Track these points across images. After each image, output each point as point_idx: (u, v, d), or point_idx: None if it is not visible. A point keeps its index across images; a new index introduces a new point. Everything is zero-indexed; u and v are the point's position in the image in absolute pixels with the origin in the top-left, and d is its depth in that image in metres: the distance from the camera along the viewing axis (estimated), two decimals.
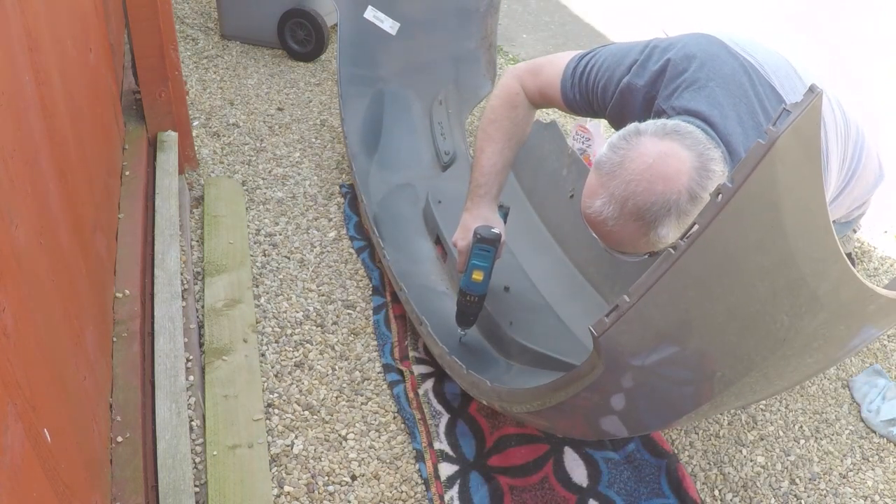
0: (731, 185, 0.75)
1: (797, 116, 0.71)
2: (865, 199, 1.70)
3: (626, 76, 1.37)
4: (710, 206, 0.77)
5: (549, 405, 1.14)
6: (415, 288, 1.81)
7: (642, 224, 1.15)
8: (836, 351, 1.11)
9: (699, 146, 1.15)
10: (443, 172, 2.30)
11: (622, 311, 0.86)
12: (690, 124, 1.20)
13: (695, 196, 1.12)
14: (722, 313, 0.90)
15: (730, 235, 0.79)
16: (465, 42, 2.54)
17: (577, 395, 1.06)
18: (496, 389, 1.30)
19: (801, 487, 1.56)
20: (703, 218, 0.77)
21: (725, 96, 1.25)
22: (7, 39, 0.98)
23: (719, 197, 0.76)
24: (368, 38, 2.46)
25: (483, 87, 2.55)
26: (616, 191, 1.15)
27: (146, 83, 2.05)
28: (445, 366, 1.54)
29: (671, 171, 1.12)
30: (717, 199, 0.76)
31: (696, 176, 1.13)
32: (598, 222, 1.20)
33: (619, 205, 1.16)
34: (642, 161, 1.14)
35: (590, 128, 2.45)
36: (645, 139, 1.16)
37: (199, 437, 1.47)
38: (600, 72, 1.43)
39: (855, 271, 0.84)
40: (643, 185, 1.13)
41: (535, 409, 1.19)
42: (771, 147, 0.72)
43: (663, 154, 1.13)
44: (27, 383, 0.81)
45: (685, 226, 1.13)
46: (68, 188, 1.24)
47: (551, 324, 1.72)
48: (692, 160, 1.13)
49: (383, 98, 2.47)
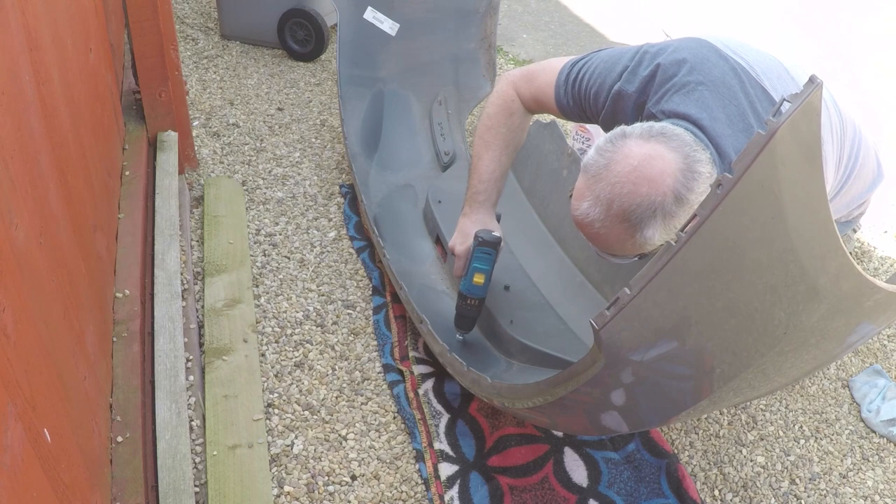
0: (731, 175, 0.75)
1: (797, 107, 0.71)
2: (864, 198, 1.70)
3: (618, 83, 1.38)
4: (710, 198, 0.77)
5: (549, 401, 1.14)
6: (415, 287, 1.82)
7: (628, 226, 1.15)
8: (835, 347, 1.11)
9: (685, 148, 1.15)
10: (443, 172, 2.30)
11: (623, 303, 0.86)
12: (678, 127, 1.20)
13: (680, 198, 1.13)
14: (721, 308, 0.90)
15: (730, 226, 0.79)
16: (465, 43, 2.55)
17: (577, 391, 1.06)
18: (496, 386, 1.30)
19: (801, 487, 1.56)
20: (703, 209, 0.77)
21: (715, 99, 1.25)
22: (7, 39, 0.98)
23: (719, 188, 0.76)
24: (368, 39, 2.46)
25: (483, 88, 2.55)
26: (602, 193, 1.16)
27: (146, 83, 2.05)
28: (446, 364, 1.54)
29: (655, 173, 1.12)
30: (717, 190, 0.76)
31: (682, 178, 1.13)
32: (586, 224, 1.20)
33: (604, 207, 1.16)
34: (627, 163, 1.14)
35: (590, 128, 2.45)
36: (630, 142, 1.16)
37: (199, 437, 1.47)
38: (592, 78, 1.43)
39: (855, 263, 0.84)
40: (628, 187, 1.13)
41: (535, 405, 1.19)
42: (771, 138, 0.72)
43: (648, 156, 1.14)
44: (27, 383, 0.81)
45: (672, 228, 1.14)
46: (68, 188, 1.24)
47: (551, 322, 1.72)
48: (677, 162, 1.13)
49: (383, 99, 2.47)
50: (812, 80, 0.71)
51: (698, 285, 0.86)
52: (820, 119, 0.77)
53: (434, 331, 1.58)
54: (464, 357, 1.47)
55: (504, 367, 1.62)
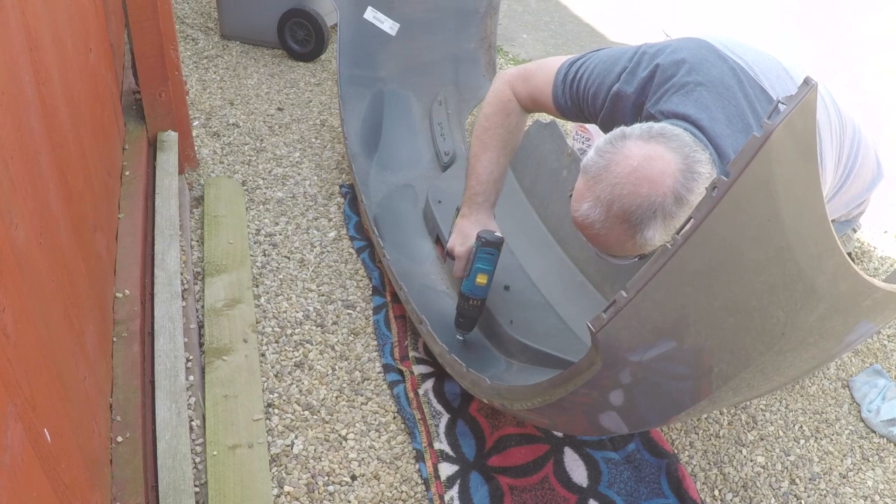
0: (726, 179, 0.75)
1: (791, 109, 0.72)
2: (864, 197, 1.70)
3: (616, 84, 1.37)
4: (706, 200, 0.77)
5: (548, 402, 1.14)
6: (415, 287, 1.82)
7: (628, 227, 1.15)
8: (833, 346, 1.11)
9: (685, 149, 1.15)
10: (443, 172, 2.30)
11: (619, 306, 0.86)
12: (678, 127, 1.20)
13: (680, 198, 1.12)
14: (719, 308, 0.90)
15: (726, 229, 0.79)
16: (465, 43, 2.55)
17: (576, 392, 1.06)
18: (496, 387, 1.30)
19: (801, 487, 1.56)
20: (698, 212, 0.78)
21: (714, 99, 1.25)
22: (7, 39, 0.98)
23: (715, 191, 0.76)
24: (368, 39, 2.46)
25: (482, 88, 2.55)
26: (602, 194, 1.16)
27: (146, 83, 2.05)
28: (445, 364, 1.54)
29: (655, 174, 1.12)
30: (712, 192, 0.76)
31: (682, 178, 1.13)
32: (586, 226, 1.20)
33: (604, 208, 1.16)
34: (627, 164, 1.14)
35: (589, 128, 2.45)
36: (630, 142, 1.16)
37: (199, 437, 1.47)
38: (591, 79, 1.43)
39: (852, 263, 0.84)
40: (628, 188, 1.13)
41: (535, 406, 1.19)
42: (766, 140, 0.72)
43: (648, 157, 1.14)
44: (27, 383, 0.81)
45: (672, 228, 1.14)
46: (68, 188, 1.24)
47: (551, 322, 1.72)
48: (677, 163, 1.13)
49: (383, 99, 2.47)
50: (807, 82, 0.71)
51: (695, 286, 0.86)
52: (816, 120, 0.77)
53: (433, 331, 1.58)
54: (463, 358, 1.47)
55: (504, 367, 1.62)
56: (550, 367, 1.56)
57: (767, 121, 0.72)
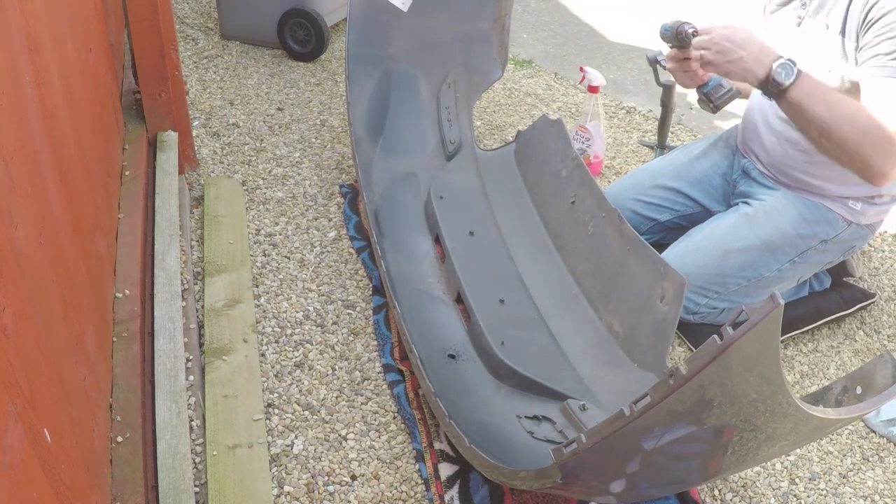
0: (683, 371, 0.81)
1: (755, 324, 0.74)
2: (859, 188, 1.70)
3: None
4: (661, 385, 0.83)
5: (535, 488, 1.27)
6: (408, 295, 1.80)
7: None
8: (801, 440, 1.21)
9: None
10: (447, 163, 2.26)
11: (578, 450, 0.98)
12: None
13: None
14: (671, 458, 1.05)
15: (680, 406, 0.87)
16: (478, 22, 2.45)
17: (544, 487, 1.19)
18: (475, 453, 1.32)
19: (800, 487, 1.56)
20: (655, 393, 0.85)
21: None
22: (7, 39, 0.98)
23: (671, 379, 0.82)
24: (379, 14, 2.36)
25: (493, 72, 2.46)
26: None
27: (146, 83, 2.05)
28: (431, 405, 1.51)
29: None
30: (669, 380, 0.82)
31: None
32: None
33: None
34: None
35: (589, 128, 2.45)
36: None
37: (199, 437, 1.47)
38: None
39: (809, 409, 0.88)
40: None
41: (506, 480, 1.31)
42: (725, 350, 0.76)
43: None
44: (27, 383, 0.81)
45: None
46: (68, 188, 1.24)
47: (543, 343, 1.70)
48: None
49: (391, 78, 2.40)
50: (772, 299, 0.73)
51: (650, 443, 0.96)
52: (779, 339, 0.79)
53: (423, 365, 1.55)
54: (453, 377, 1.47)
55: (493, 391, 1.60)
56: (537, 394, 1.56)
57: (729, 330, 0.75)
